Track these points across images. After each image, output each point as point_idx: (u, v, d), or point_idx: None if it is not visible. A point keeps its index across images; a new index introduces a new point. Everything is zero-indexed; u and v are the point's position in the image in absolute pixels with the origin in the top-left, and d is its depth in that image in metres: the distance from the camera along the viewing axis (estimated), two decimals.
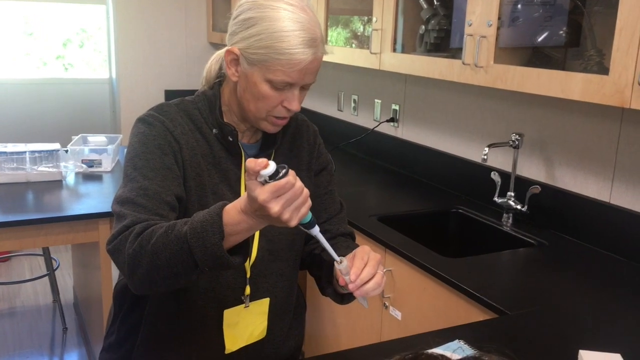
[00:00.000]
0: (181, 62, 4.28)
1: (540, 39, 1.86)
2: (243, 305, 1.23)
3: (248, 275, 1.23)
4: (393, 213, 2.28)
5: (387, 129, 2.98)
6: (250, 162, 0.93)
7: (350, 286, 1.06)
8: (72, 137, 2.91)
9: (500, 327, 1.44)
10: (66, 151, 2.67)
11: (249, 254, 1.06)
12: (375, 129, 2.99)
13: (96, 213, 2.23)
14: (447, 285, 1.70)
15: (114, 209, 1.11)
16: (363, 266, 1.08)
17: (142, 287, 1.06)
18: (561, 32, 1.81)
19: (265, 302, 1.26)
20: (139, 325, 1.24)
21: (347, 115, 3.31)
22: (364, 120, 3.17)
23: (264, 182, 0.94)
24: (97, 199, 2.36)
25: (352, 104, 3.26)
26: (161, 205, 1.09)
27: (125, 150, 1.19)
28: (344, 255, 1.10)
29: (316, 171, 1.34)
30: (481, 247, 2.13)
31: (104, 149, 2.77)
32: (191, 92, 1.28)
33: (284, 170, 0.94)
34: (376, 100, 3.05)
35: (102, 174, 2.69)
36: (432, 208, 2.37)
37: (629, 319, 1.48)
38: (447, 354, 0.41)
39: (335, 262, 1.09)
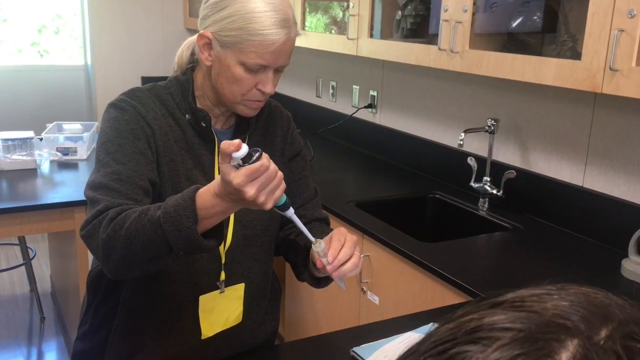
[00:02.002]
0: (158, 49, 4.23)
1: (514, 25, 1.87)
2: (218, 290, 1.23)
3: (223, 261, 1.23)
4: (371, 199, 2.29)
5: (365, 115, 2.98)
6: (224, 144, 0.93)
7: (328, 267, 1.07)
8: (47, 124, 2.87)
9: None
10: (40, 139, 2.63)
11: (223, 238, 1.06)
12: (354, 115, 2.99)
13: (72, 201, 2.21)
14: (423, 270, 1.72)
15: (87, 195, 1.10)
16: (340, 247, 1.09)
17: (117, 273, 1.06)
18: (535, 17, 1.82)
19: (241, 287, 1.26)
20: (114, 313, 1.23)
21: (326, 102, 3.31)
22: (342, 106, 3.17)
23: (238, 166, 0.94)
24: (73, 187, 2.34)
25: (331, 90, 3.25)
26: (135, 190, 1.09)
27: (97, 136, 1.18)
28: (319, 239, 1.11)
29: (290, 157, 1.35)
30: (458, 232, 2.15)
31: (80, 136, 2.74)
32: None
33: (257, 154, 0.94)
34: (354, 86, 3.05)
35: (77, 162, 2.66)
36: (409, 193, 2.38)
37: None
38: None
39: (312, 245, 1.09)
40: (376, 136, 2.91)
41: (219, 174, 1.19)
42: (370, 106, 2.93)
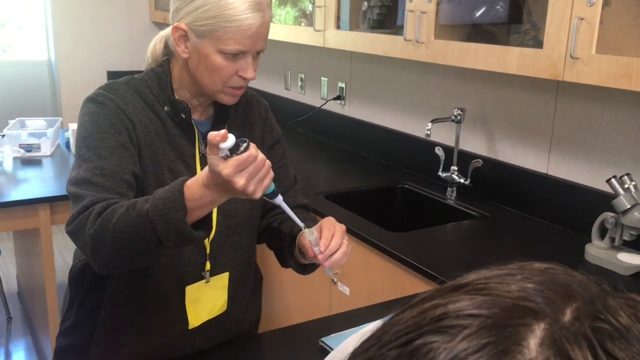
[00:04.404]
0: (123, 42, 4.17)
1: (478, 15, 1.88)
2: (204, 280, 1.23)
3: (208, 251, 1.23)
4: (340, 190, 2.29)
5: (334, 107, 2.98)
6: (211, 135, 0.94)
7: (320, 257, 1.10)
8: (9, 121, 2.80)
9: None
10: (2, 136, 2.57)
11: (211, 228, 1.07)
12: (323, 107, 2.99)
13: (35, 198, 2.16)
14: (392, 259, 1.73)
15: (69, 191, 1.09)
16: (331, 237, 1.11)
17: (106, 267, 1.06)
18: (498, 7, 1.83)
19: (225, 276, 1.27)
20: (98, 307, 1.23)
21: (295, 94, 3.30)
22: (311, 98, 3.16)
23: (226, 157, 0.94)
24: (37, 184, 2.29)
25: (299, 83, 3.24)
26: (119, 184, 1.08)
27: (75, 131, 1.16)
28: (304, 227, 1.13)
29: (269, 145, 1.35)
30: (427, 221, 2.17)
31: (43, 132, 2.69)
32: (135, 73, 1.25)
33: (245, 144, 0.95)
34: (323, 78, 3.04)
35: (41, 158, 2.60)
36: (378, 184, 2.39)
37: None
38: None
39: (305, 233, 1.11)
40: (345, 128, 2.91)
41: (200, 164, 1.19)
42: (339, 98, 2.93)
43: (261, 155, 0.97)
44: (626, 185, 1.61)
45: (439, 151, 2.25)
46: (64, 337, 1.30)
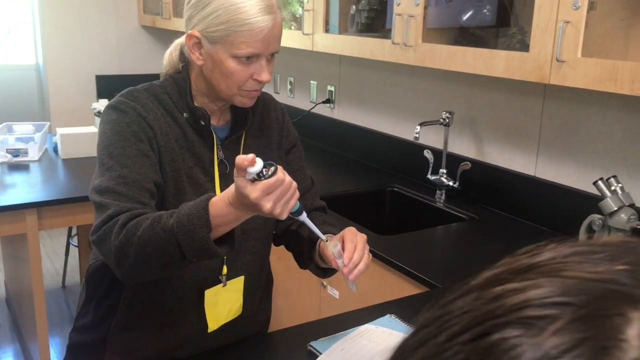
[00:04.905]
0: (112, 46, 4.15)
1: (465, 18, 1.89)
2: (221, 284, 1.25)
3: (225, 256, 1.23)
4: (330, 194, 2.29)
5: (323, 110, 2.98)
6: (239, 159, 0.96)
7: (345, 270, 1.10)
8: None
9: (431, 299, 1.47)
10: None
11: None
12: (312, 110, 2.99)
13: (23, 204, 2.15)
14: (381, 262, 1.73)
15: (93, 199, 1.10)
16: (353, 249, 1.12)
17: (129, 277, 1.09)
18: (485, 10, 1.84)
19: (241, 279, 1.28)
20: (115, 308, 1.24)
21: (284, 97, 3.30)
22: (300, 102, 3.16)
23: (253, 179, 0.96)
24: (24, 189, 2.28)
25: (289, 86, 3.24)
26: (142, 193, 1.10)
27: (98, 139, 1.16)
28: (326, 233, 1.16)
29: (287, 149, 1.36)
30: (416, 224, 2.17)
31: (31, 137, 2.67)
32: (124, 77, 1.25)
33: (272, 168, 0.97)
34: (312, 81, 3.04)
35: (28, 163, 2.59)
36: (367, 187, 2.40)
37: None
38: None
39: (328, 246, 1.13)
40: (334, 131, 2.92)
41: (218, 170, 1.19)
42: (328, 101, 2.94)
43: (288, 178, 0.99)
44: (613, 188, 1.62)
45: (427, 154, 2.26)
46: (80, 335, 1.31)
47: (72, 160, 2.65)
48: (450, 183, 2.19)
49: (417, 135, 2.09)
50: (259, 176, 0.96)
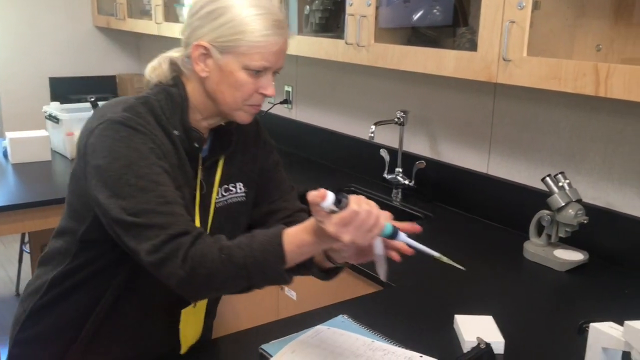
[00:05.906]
0: (65, 48, 4.05)
1: (415, 18, 1.91)
2: (193, 305, 1.24)
3: None
4: None
5: (281, 110, 2.97)
6: (311, 196, 0.95)
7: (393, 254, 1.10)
8: None
9: (384, 299, 1.48)
10: None
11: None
12: (270, 111, 2.98)
13: None
14: None
15: (131, 222, 1.03)
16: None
17: (189, 297, 1.13)
18: (435, 10, 1.86)
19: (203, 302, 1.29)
20: (83, 315, 1.20)
21: None
22: None
23: (331, 211, 0.96)
24: None
25: None
26: (181, 209, 1.06)
27: (98, 155, 1.06)
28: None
29: (263, 158, 1.32)
30: None
31: None
32: (78, 79, 1.21)
33: (344, 200, 0.96)
34: None
35: None
36: (326, 187, 2.39)
37: (500, 283, 1.57)
38: None
39: (442, 259, 1.17)
40: (292, 131, 2.91)
41: (199, 191, 1.18)
42: (285, 102, 2.93)
43: (364, 207, 0.96)
44: (560, 184, 1.66)
45: (383, 153, 2.27)
46: (22, 348, 1.26)
47: (23, 165, 2.58)
48: (406, 182, 2.21)
49: (372, 135, 2.10)
50: (336, 206, 0.95)
